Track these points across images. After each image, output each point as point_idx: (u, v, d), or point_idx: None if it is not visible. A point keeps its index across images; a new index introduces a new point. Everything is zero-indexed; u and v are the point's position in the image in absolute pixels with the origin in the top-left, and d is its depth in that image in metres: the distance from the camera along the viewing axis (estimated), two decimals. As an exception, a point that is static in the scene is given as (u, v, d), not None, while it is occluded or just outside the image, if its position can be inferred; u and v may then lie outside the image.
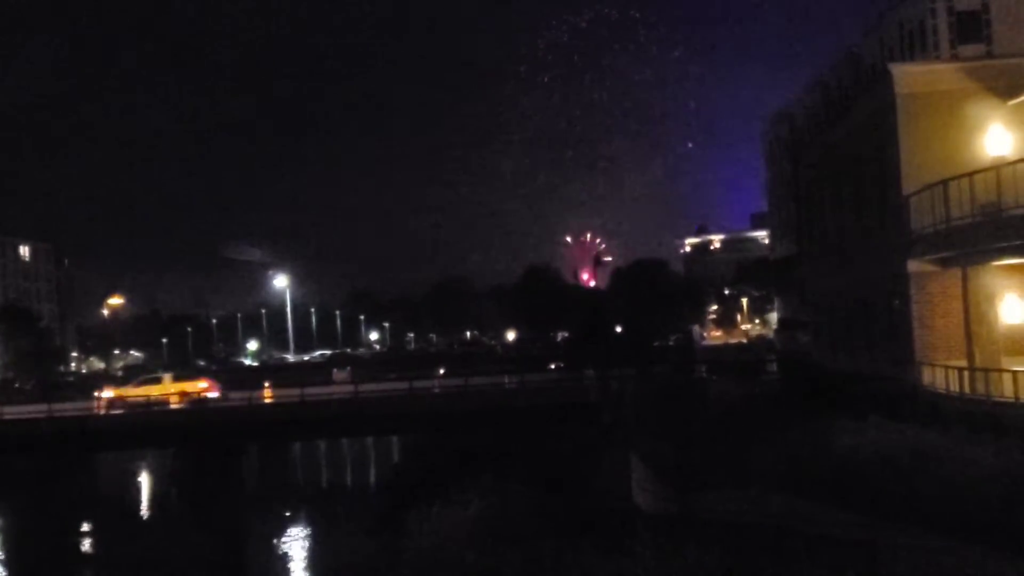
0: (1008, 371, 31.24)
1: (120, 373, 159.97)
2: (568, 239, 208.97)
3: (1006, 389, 30.55)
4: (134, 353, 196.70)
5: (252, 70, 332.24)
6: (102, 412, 64.20)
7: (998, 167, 32.83)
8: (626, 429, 47.82)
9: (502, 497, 44.72)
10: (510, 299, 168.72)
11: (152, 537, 53.12)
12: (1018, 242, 31.36)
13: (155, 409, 63.91)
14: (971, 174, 33.39)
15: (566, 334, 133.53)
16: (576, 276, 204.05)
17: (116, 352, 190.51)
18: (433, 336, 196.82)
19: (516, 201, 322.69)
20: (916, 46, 43.74)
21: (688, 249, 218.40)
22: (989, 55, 39.59)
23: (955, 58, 39.73)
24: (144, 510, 64.58)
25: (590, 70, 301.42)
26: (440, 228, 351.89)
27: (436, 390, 68.47)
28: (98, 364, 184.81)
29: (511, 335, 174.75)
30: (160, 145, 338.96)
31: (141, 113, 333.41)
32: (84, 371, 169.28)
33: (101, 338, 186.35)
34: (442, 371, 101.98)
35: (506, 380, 69.97)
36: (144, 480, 75.66)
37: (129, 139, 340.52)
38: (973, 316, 34.55)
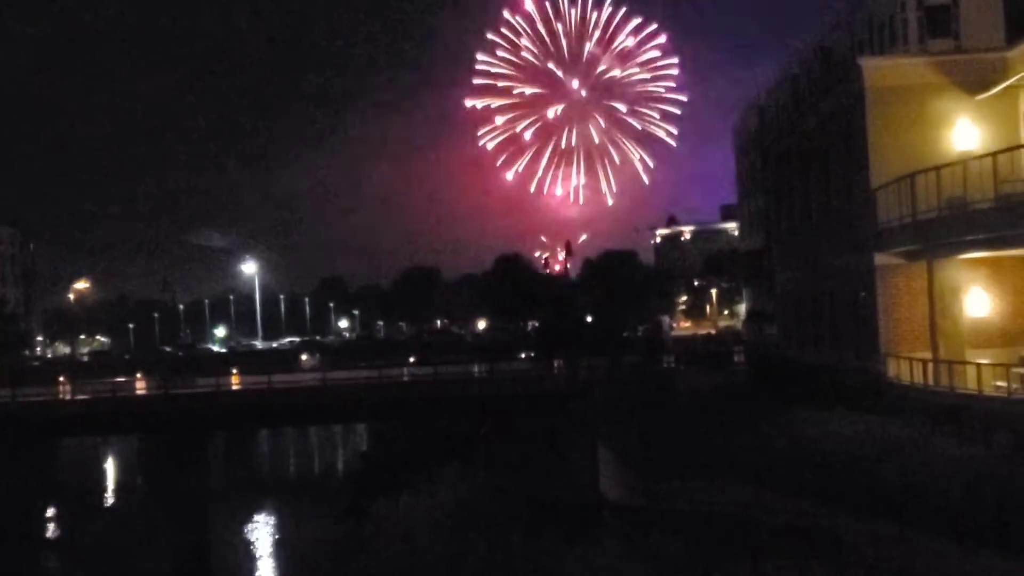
0: (972, 363, 31.52)
1: (86, 358, 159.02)
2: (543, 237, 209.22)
3: (970, 381, 30.83)
4: (100, 338, 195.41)
5: (221, 53, 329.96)
6: (67, 398, 63.71)
7: (965, 161, 33.08)
8: (594, 419, 47.95)
9: (470, 485, 44.85)
10: (480, 288, 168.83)
11: (115, 523, 52.87)
12: (984, 236, 31.64)
13: (121, 395, 63.46)
14: (938, 168, 33.63)
15: (536, 324, 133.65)
16: (547, 266, 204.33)
17: (82, 337, 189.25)
18: (403, 324, 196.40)
19: (487, 191, 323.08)
20: (886, 40, 43.89)
21: (658, 240, 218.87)
22: (958, 50, 39.74)
23: (924, 52, 39.87)
24: (108, 497, 64.24)
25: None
26: (409, 217, 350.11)
27: (405, 378, 68.27)
28: (64, 349, 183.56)
29: (481, 324, 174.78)
30: (127, 128, 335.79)
31: (109, 95, 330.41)
32: (50, 356, 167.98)
33: (67, 323, 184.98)
34: (411, 359, 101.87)
35: (475, 369, 69.90)
36: (109, 466, 75.25)
37: (98, 122, 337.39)
38: (938, 309, 34.84)
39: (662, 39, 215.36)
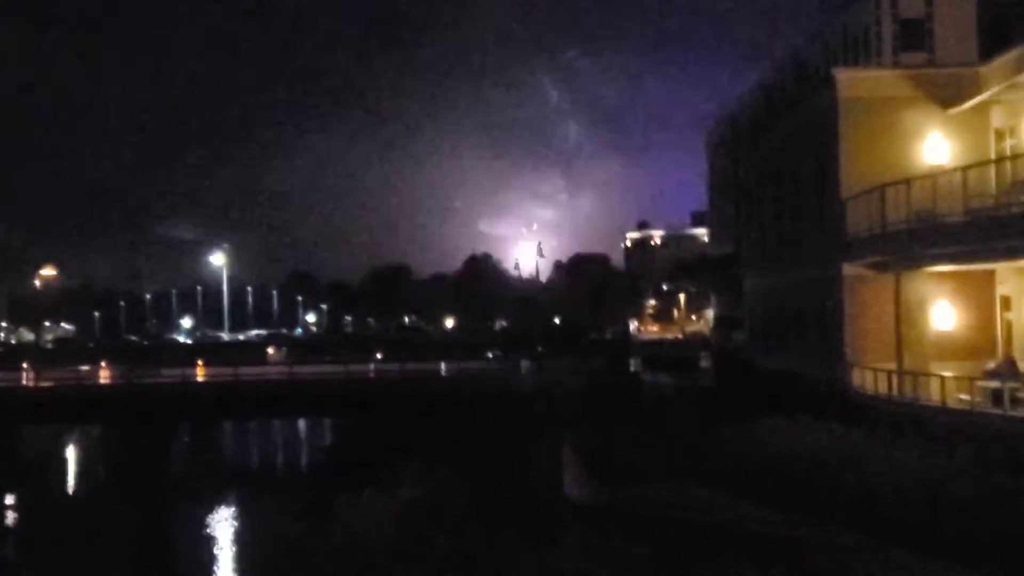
0: (936, 375, 31.78)
1: (50, 346, 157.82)
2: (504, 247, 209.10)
3: (933, 393, 31.08)
4: (65, 326, 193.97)
5: (185, 47, 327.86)
6: (30, 384, 63.25)
7: (935, 175, 33.34)
8: (560, 420, 47.95)
9: (433, 484, 44.67)
10: (450, 287, 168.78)
11: (75, 514, 52.44)
12: (952, 250, 31.89)
13: (84, 383, 63.08)
14: (908, 181, 33.89)
15: (504, 323, 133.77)
16: (517, 267, 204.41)
17: (47, 324, 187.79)
18: (371, 320, 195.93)
19: (461, 190, 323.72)
20: (860, 52, 44.20)
21: (629, 244, 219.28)
22: (931, 64, 40.08)
23: (898, 65, 40.17)
24: (69, 486, 63.74)
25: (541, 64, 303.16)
26: (382, 213, 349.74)
27: (372, 374, 68.20)
28: (28, 335, 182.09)
29: (450, 322, 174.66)
30: (97, 117, 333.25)
31: (78, 83, 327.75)
32: (13, 342, 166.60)
33: (32, 309, 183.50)
34: (379, 355, 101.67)
35: (442, 367, 69.94)
36: (71, 455, 74.67)
37: (67, 109, 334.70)
38: (904, 320, 35.09)
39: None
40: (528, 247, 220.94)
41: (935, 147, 36.93)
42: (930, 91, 37.80)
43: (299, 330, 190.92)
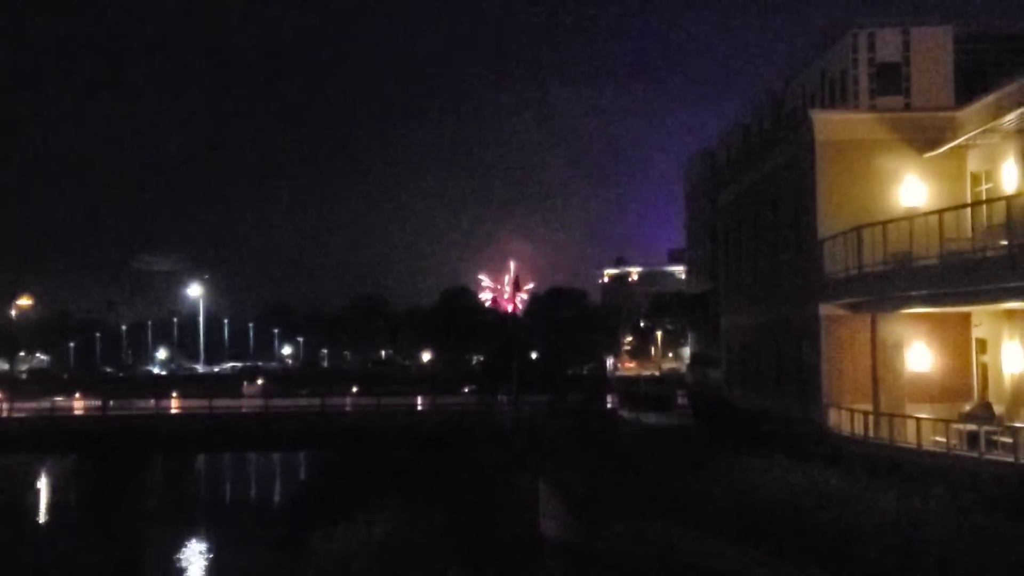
0: (912, 417, 31.93)
1: (24, 376, 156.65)
2: (484, 278, 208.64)
3: (909, 435, 31.23)
4: (40, 356, 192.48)
5: (173, 81, 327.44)
6: (4, 415, 62.74)
7: (911, 217, 33.64)
8: (536, 456, 47.89)
9: (408, 519, 44.51)
10: (427, 321, 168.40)
11: (47, 546, 51.94)
12: (927, 292, 32.13)
13: (58, 414, 62.63)
14: (885, 223, 34.17)
15: (481, 358, 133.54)
16: (494, 301, 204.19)
17: (22, 354, 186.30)
18: (347, 353, 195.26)
19: (438, 224, 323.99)
20: (837, 94, 44.59)
21: (606, 280, 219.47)
22: (907, 108, 40.45)
23: (874, 108, 40.56)
24: (40, 518, 63.16)
25: (518, 101, 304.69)
26: (359, 246, 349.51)
27: (347, 408, 67.96)
28: (2, 365, 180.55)
29: (426, 356, 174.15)
30: (76, 150, 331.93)
31: (54, 118, 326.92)
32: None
33: (6, 339, 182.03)
34: (355, 389, 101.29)
35: (419, 401, 69.77)
36: (44, 486, 74.04)
37: (43, 142, 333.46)
38: (880, 362, 35.29)
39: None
40: (505, 281, 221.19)
41: (911, 190, 37.27)
42: (907, 134, 38.16)
43: (275, 363, 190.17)
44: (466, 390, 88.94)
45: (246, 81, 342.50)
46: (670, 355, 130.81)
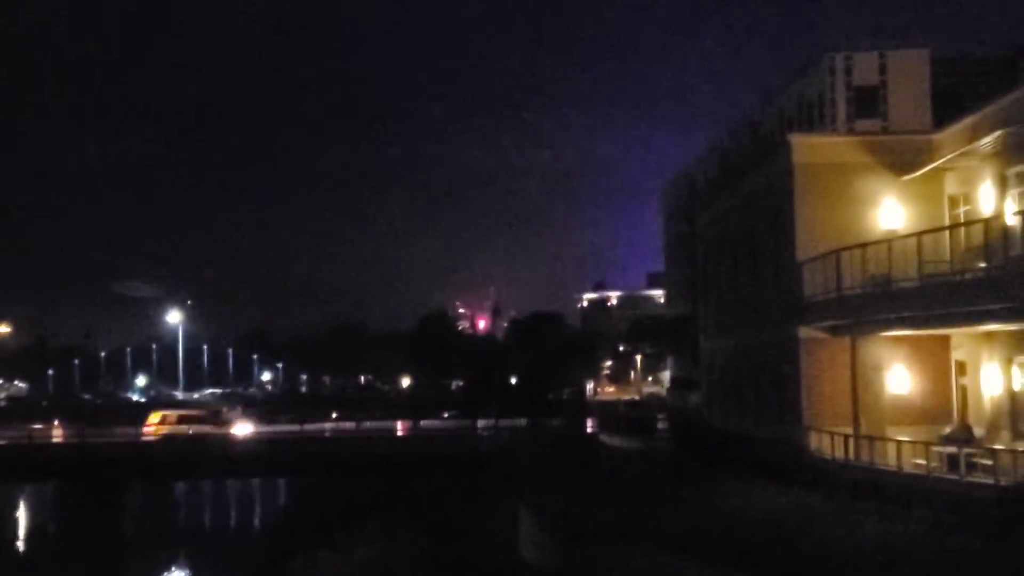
0: (892, 440, 31.99)
1: (3, 403, 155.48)
2: (460, 305, 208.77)
3: (890, 457, 31.28)
4: (18, 384, 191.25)
5: (148, 106, 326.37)
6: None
7: (890, 240, 33.74)
8: (517, 480, 47.77)
9: (389, 544, 44.38)
10: (406, 345, 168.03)
11: (24, 571, 51.50)
12: (907, 315, 32.23)
13: (37, 441, 62.19)
14: (863, 245, 34.28)
15: (461, 382, 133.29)
16: (473, 326, 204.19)
17: (0, 382, 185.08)
18: (327, 379, 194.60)
19: (416, 249, 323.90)
20: (815, 117, 44.85)
21: (585, 304, 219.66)
22: (885, 131, 40.69)
23: (852, 132, 40.78)
24: (19, 545, 62.56)
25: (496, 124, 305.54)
26: (337, 272, 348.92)
27: (327, 434, 67.69)
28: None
29: (406, 381, 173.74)
30: (54, 175, 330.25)
31: (34, 139, 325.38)
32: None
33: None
34: (335, 415, 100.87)
35: (399, 426, 69.63)
36: (22, 514, 73.38)
37: (20, 166, 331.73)
38: (860, 384, 35.33)
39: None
40: (484, 306, 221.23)
41: (889, 213, 37.43)
42: (884, 158, 38.31)
43: (253, 389, 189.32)
44: (446, 415, 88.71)
45: (225, 105, 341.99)
46: (650, 379, 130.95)
